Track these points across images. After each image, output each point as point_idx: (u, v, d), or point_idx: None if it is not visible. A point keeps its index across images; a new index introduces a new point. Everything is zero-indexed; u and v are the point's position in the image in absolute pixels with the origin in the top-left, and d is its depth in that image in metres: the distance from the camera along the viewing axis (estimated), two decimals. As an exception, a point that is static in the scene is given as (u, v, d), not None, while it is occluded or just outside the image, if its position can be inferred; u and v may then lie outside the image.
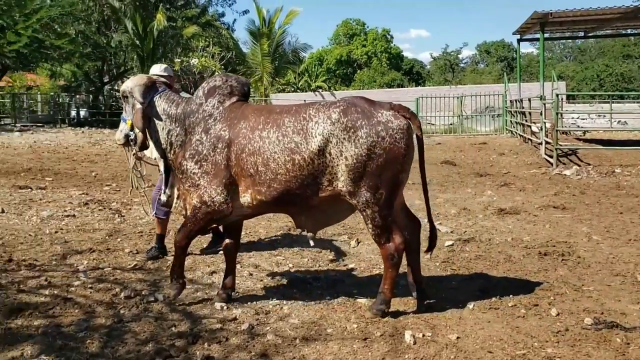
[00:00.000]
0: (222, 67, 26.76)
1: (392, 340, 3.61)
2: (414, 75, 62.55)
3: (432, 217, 4.34)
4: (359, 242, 6.11)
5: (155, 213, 5.45)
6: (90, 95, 29.16)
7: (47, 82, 35.13)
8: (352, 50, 60.22)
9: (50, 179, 9.98)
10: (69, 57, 24.76)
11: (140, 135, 4.17)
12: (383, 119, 3.78)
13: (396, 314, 4.03)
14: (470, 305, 4.19)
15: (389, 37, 62.25)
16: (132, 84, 4.26)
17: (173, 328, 3.80)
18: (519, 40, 20.62)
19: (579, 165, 11.93)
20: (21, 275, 4.76)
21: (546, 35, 17.57)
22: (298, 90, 41.89)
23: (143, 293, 4.42)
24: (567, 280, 4.80)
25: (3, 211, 7.14)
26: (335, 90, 42.53)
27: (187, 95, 4.53)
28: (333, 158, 3.77)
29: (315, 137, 3.77)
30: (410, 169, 3.99)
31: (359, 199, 3.80)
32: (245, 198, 3.99)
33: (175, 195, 4.27)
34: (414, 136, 3.92)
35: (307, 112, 3.88)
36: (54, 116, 28.32)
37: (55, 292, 4.42)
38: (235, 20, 60.78)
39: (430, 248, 4.32)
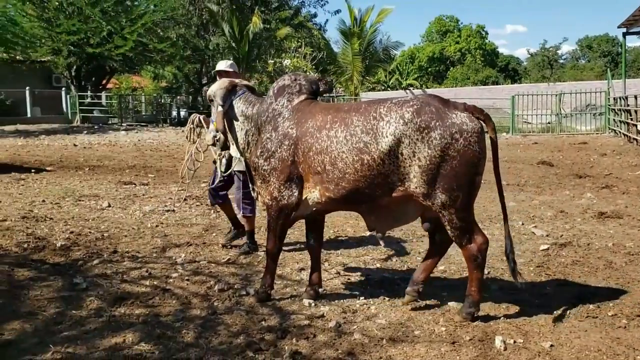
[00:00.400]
0: (313, 67, 27.14)
1: (481, 345, 3.53)
2: (510, 72, 60.49)
3: (507, 222, 4.10)
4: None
5: (242, 211, 5.70)
6: (190, 96, 30.44)
7: (150, 84, 37.14)
8: (445, 47, 59.19)
9: (153, 175, 10.55)
10: (170, 60, 26.00)
11: (222, 136, 4.38)
12: (457, 120, 3.68)
13: (486, 318, 3.94)
14: (566, 313, 4.02)
15: (483, 33, 60.65)
16: (215, 87, 4.50)
17: (263, 322, 3.91)
18: (624, 34, 19.42)
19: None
20: (124, 267, 5.07)
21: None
22: (389, 89, 41.77)
23: (235, 287, 4.58)
24: (675, 291, 4.48)
25: (109, 205, 7.63)
26: (427, 88, 41.97)
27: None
28: (405, 159, 3.70)
29: (387, 137, 3.70)
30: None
31: (434, 200, 3.72)
32: (314, 194, 4.03)
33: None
34: (487, 138, 3.81)
35: (378, 110, 3.80)
36: (157, 116, 29.83)
37: (155, 282, 4.68)
38: (327, 20, 61.55)
39: (507, 252, 4.07)
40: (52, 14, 23.83)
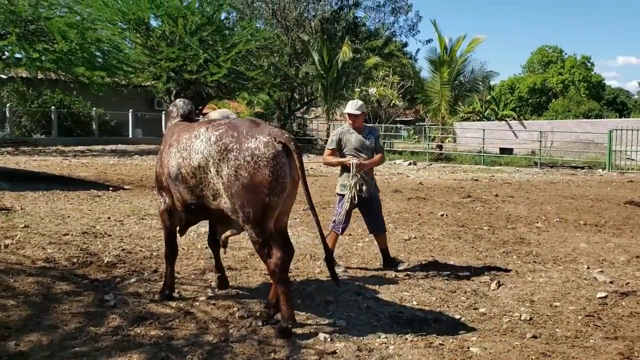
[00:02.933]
0: (400, 95, 26.98)
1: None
2: (618, 105, 57.18)
3: (320, 226, 4.36)
4: (500, 285, 5.63)
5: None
6: (281, 122, 31.18)
7: (246, 110, 38.48)
8: (547, 78, 57.06)
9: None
10: (261, 87, 26.79)
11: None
12: (252, 145, 3.99)
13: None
14: (602, 371, 3.61)
15: (588, 64, 58.02)
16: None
17: (273, 354, 3.81)
18: None
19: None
20: (159, 286, 5.14)
21: None
22: (484, 119, 40.65)
23: (257, 314, 4.52)
24: None
25: (168, 225, 7.84)
26: (525, 119, 40.42)
27: None
28: (213, 176, 4.14)
29: (197, 154, 4.20)
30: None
31: (237, 215, 4.10)
32: (173, 203, 4.67)
33: None
34: (289, 163, 4.05)
35: (198, 130, 4.30)
36: (250, 141, 30.69)
37: (181, 304, 4.71)
38: (418, 50, 61.17)
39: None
40: (155, 42, 25.34)
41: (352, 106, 6.21)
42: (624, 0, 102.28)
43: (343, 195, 6.07)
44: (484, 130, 26.43)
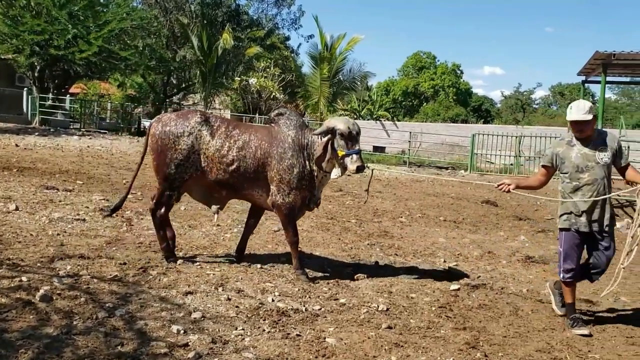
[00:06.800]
0: (280, 88, 26.95)
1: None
2: (483, 112, 61.32)
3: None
4: (361, 277, 5.70)
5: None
6: (155, 107, 29.94)
7: (118, 92, 36.54)
8: (420, 82, 59.79)
9: (81, 182, 10.08)
10: (135, 69, 25.52)
11: None
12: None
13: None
14: (448, 360, 3.74)
15: (458, 72, 61.60)
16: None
17: (119, 347, 3.56)
18: (583, 82, 19.69)
19: (632, 218, 11.02)
20: (-2, 274, 4.65)
21: (612, 78, 16.62)
22: (360, 118, 41.82)
23: (107, 306, 4.21)
24: (573, 344, 4.26)
25: (17, 209, 7.17)
26: (398, 120, 42.10)
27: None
28: None
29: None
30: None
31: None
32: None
33: None
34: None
35: None
36: (120, 124, 29.22)
37: (22, 295, 4.27)
38: (300, 44, 61.55)
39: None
40: (17, 12, 23.28)
41: (579, 109, 4.57)
42: (492, 13, 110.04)
43: (562, 230, 4.76)
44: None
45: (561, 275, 4.74)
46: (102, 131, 26.22)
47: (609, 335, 4.52)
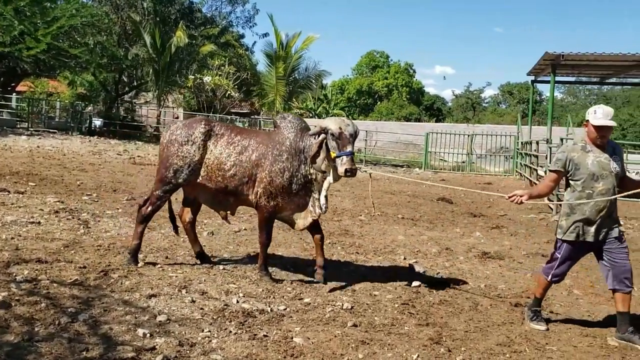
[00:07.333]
0: (236, 86, 26.75)
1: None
2: (435, 111, 62.35)
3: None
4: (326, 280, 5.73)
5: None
6: (106, 106, 29.27)
7: (68, 90, 35.50)
8: (374, 81, 60.30)
9: (34, 184, 9.80)
10: (86, 67, 24.90)
11: None
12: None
13: None
14: (414, 357, 3.83)
15: (411, 71, 62.35)
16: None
17: (84, 352, 3.50)
18: (532, 82, 20.33)
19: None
20: (-51, 281, 4.50)
21: (560, 78, 17.21)
22: (316, 116, 41.93)
23: (69, 311, 4.13)
24: (531, 337, 4.41)
25: (-33, 213, 6.94)
26: (353, 119, 42.45)
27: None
28: None
29: None
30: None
31: None
32: None
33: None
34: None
35: None
36: (70, 124, 28.45)
37: (-23, 302, 4.15)
38: (255, 42, 61.06)
39: None
40: (-41, 7, 22.37)
41: (606, 114, 4.39)
42: (443, 13, 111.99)
43: (566, 242, 4.56)
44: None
45: (549, 278, 4.65)
46: (51, 131, 25.49)
47: (565, 328, 4.70)
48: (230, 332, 4.06)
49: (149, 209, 5.62)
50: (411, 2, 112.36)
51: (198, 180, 5.51)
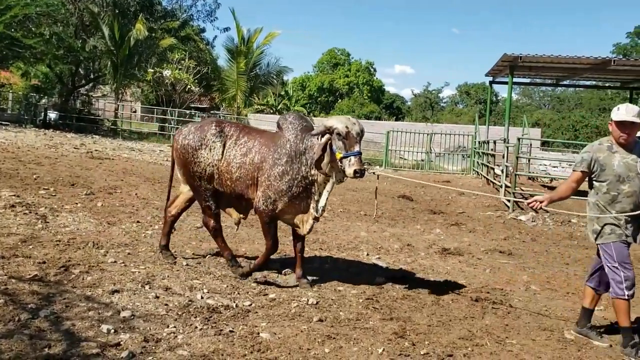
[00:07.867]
0: (196, 80, 26.44)
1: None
2: (394, 110, 62.99)
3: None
4: (291, 273, 5.75)
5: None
6: (62, 98, 28.52)
7: (21, 81, 34.43)
8: (335, 79, 60.52)
9: (-14, 178, 9.50)
10: (41, 58, 24.24)
11: None
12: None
13: None
14: (379, 350, 3.89)
15: (372, 70, 62.79)
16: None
17: (47, 349, 3.43)
18: (490, 82, 20.77)
19: (536, 212, 11.79)
20: None
21: (517, 79, 17.63)
22: (277, 113, 41.83)
23: (30, 307, 4.03)
24: (492, 331, 4.53)
25: None
26: (315, 116, 42.51)
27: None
28: None
29: None
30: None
31: None
32: None
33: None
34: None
35: None
36: (23, 116, 27.63)
37: None
38: (216, 36, 60.33)
39: None
40: None
41: (629, 111, 4.24)
42: (402, 12, 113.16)
43: (614, 243, 4.31)
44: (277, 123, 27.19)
45: (623, 292, 4.19)
46: (3, 123, 24.70)
47: (523, 322, 4.84)
48: (196, 327, 4.04)
49: (212, 221, 5.58)
50: (371, 1, 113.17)
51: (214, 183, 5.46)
